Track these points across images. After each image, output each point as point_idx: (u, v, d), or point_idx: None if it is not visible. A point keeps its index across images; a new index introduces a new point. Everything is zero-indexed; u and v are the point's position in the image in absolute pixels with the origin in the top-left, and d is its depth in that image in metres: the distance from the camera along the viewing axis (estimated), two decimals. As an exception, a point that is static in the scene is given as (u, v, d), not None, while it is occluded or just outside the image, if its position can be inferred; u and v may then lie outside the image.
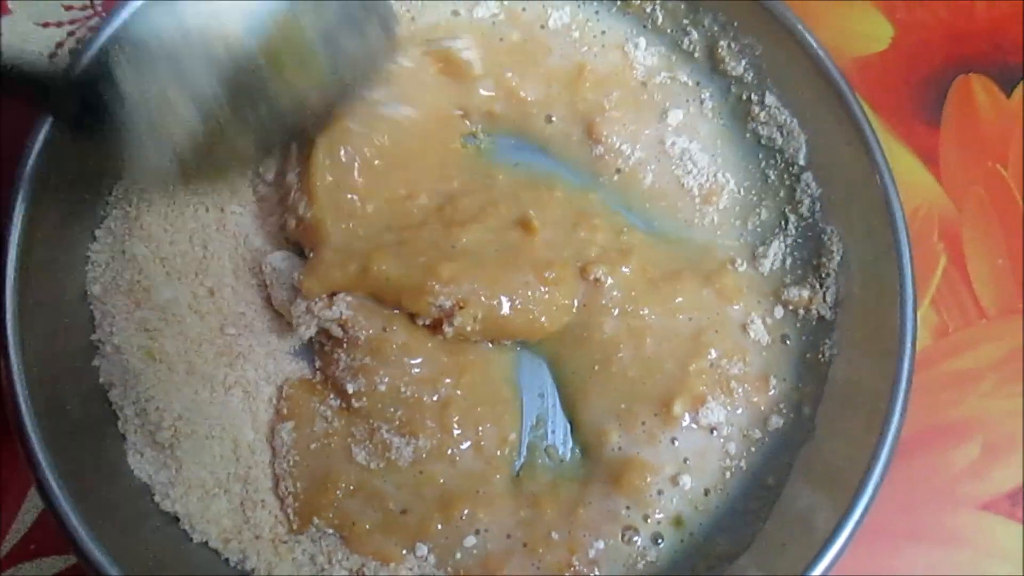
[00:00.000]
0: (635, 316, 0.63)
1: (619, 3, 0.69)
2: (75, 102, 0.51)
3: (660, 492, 0.61)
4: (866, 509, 0.55)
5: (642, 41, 0.69)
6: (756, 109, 0.66)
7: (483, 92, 0.67)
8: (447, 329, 0.60)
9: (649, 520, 0.61)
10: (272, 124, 0.54)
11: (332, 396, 0.61)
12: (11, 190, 0.56)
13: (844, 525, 0.55)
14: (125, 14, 0.59)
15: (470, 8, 0.69)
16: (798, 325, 0.65)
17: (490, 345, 0.63)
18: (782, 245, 0.66)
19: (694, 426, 0.62)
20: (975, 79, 0.78)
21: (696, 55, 0.68)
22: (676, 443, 0.62)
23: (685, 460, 0.62)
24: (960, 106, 0.77)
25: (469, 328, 0.60)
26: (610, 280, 0.63)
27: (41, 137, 0.56)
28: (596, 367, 0.63)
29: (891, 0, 0.79)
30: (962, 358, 0.71)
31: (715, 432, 0.62)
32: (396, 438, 0.59)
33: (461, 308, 0.59)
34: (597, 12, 0.69)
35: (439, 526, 0.59)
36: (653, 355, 0.63)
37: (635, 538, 0.60)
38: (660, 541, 0.61)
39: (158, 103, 0.50)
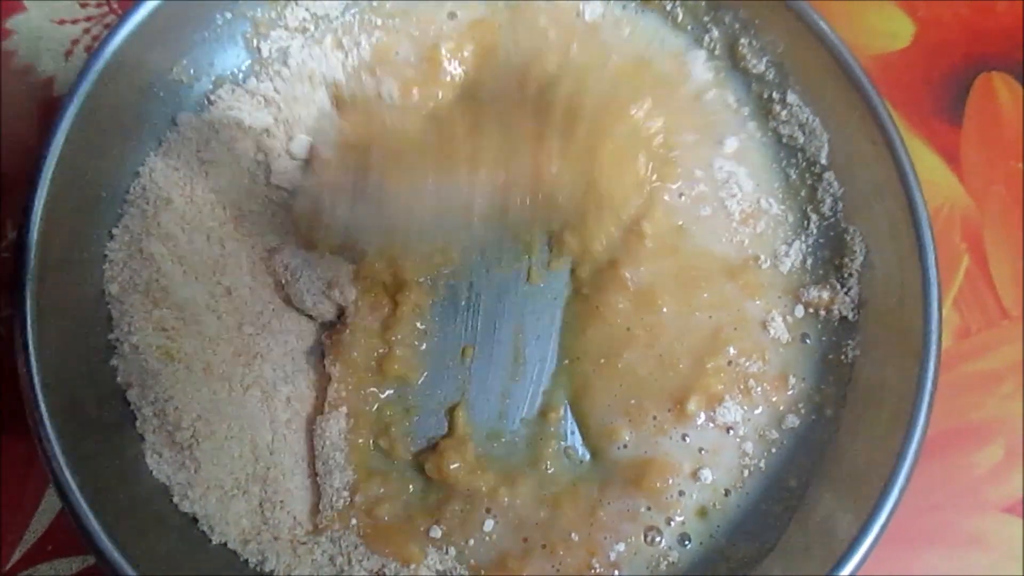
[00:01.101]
0: (654, 311, 0.63)
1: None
2: None
3: (681, 492, 0.61)
4: (891, 513, 0.55)
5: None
6: (778, 108, 0.66)
7: None
8: None
9: (672, 523, 0.60)
10: None
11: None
12: (29, 189, 0.55)
13: (868, 529, 0.54)
14: (142, 12, 0.59)
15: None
16: (819, 326, 0.64)
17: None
18: (803, 245, 0.65)
19: (710, 424, 0.62)
20: (997, 77, 0.77)
21: (717, 53, 0.67)
22: (687, 439, 0.62)
23: (701, 450, 0.62)
24: (982, 104, 0.76)
25: None
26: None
27: (59, 137, 0.56)
28: (602, 360, 0.63)
29: (912, -2, 0.78)
30: (984, 359, 0.70)
31: (731, 431, 0.62)
32: None
33: None
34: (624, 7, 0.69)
35: (457, 507, 0.60)
36: (667, 352, 0.63)
37: (657, 538, 0.60)
38: (687, 542, 0.60)
39: None
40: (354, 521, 0.59)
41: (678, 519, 0.60)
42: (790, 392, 0.63)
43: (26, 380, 0.54)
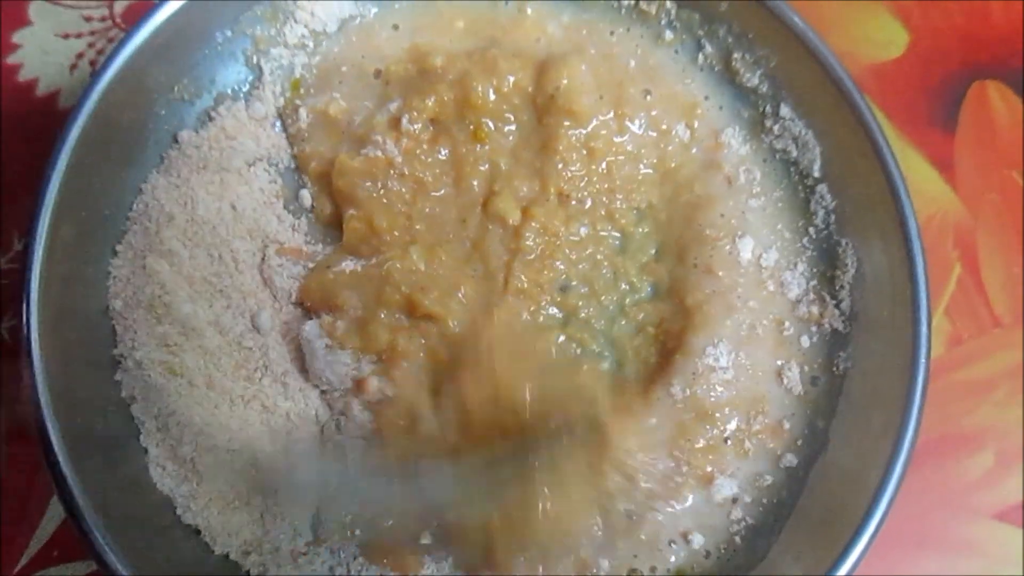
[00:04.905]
0: None
1: (635, 15, 0.68)
2: None
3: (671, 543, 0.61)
4: (881, 520, 0.56)
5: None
6: (770, 122, 0.66)
7: None
8: None
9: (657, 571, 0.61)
10: None
11: None
12: (34, 206, 0.56)
13: (859, 537, 0.55)
14: (145, 30, 0.59)
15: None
16: (821, 358, 0.64)
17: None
18: (807, 269, 0.65)
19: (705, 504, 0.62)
20: (991, 85, 0.77)
21: (715, 69, 0.68)
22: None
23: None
24: (976, 112, 0.77)
25: None
26: None
27: (64, 154, 0.57)
28: None
29: (906, 3, 0.78)
30: (976, 367, 0.71)
31: (733, 503, 0.62)
32: None
33: None
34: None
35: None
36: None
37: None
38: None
39: None
40: (356, 532, 0.60)
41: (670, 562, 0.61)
42: (785, 436, 0.63)
43: (32, 393, 0.55)
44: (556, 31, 0.68)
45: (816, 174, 0.65)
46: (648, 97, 0.67)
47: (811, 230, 0.65)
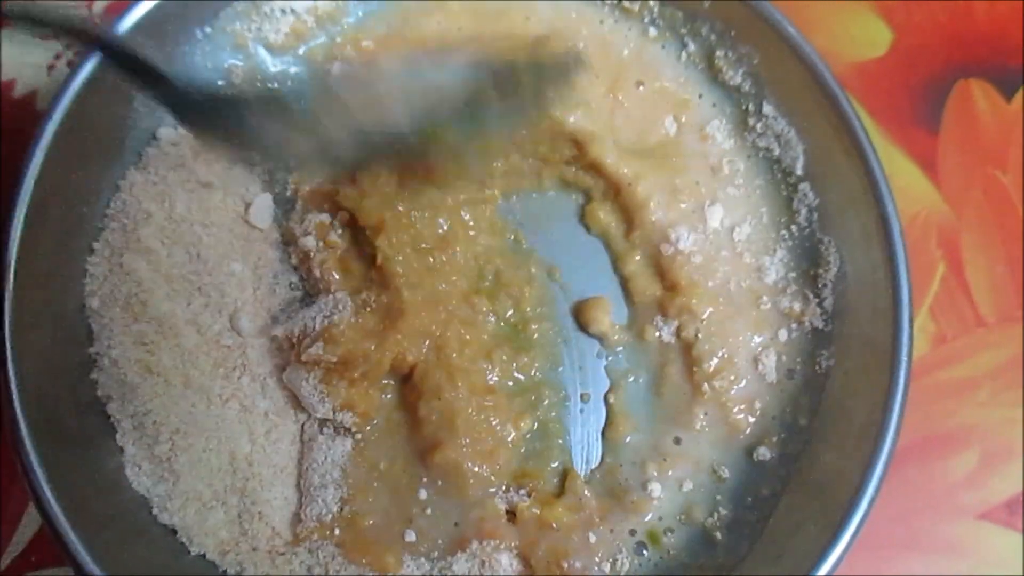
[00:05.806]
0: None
1: (619, 13, 0.68)
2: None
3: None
4: (862, 521, 0.56)
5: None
6: (753, 120, 0.66)
7: None
8: None
9: (636, 532, 0.62)
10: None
11: None
12: (10, 203, 0.56)
13: (840, 536, 0.55)
14: (122, 28, 0.59)
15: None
16: (799, 357, 0.64)
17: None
18: (787, 256, 0.65)
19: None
20: (975, 84, 0.77)
21: (699, 67, 0.68)
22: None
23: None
24: (959, 111, 0.77)
25: None
26: None
27: (40, 151, 0.57)
28: None
29: (890, 2, 0.78)
30: (960, 366, 0.71)
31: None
32: None
33: None
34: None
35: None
36: None
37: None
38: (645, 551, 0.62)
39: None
40: (336, 531, 0.60)
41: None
42: (757, 414, 0.63)
43: (5, 393, 0.54)
44: (545, 10, 0.68)
45: (799, 172, 0.65)
46: (641, 88, 0.67)
47: (794, 228, 0.65)
